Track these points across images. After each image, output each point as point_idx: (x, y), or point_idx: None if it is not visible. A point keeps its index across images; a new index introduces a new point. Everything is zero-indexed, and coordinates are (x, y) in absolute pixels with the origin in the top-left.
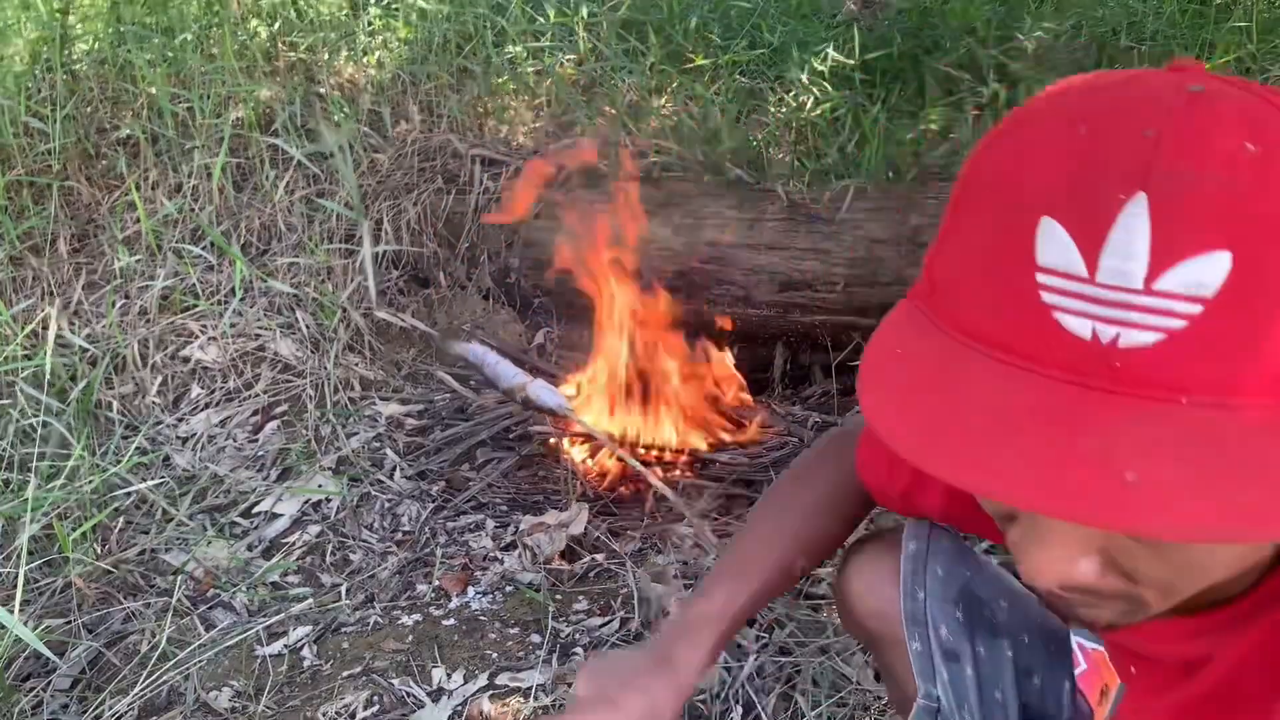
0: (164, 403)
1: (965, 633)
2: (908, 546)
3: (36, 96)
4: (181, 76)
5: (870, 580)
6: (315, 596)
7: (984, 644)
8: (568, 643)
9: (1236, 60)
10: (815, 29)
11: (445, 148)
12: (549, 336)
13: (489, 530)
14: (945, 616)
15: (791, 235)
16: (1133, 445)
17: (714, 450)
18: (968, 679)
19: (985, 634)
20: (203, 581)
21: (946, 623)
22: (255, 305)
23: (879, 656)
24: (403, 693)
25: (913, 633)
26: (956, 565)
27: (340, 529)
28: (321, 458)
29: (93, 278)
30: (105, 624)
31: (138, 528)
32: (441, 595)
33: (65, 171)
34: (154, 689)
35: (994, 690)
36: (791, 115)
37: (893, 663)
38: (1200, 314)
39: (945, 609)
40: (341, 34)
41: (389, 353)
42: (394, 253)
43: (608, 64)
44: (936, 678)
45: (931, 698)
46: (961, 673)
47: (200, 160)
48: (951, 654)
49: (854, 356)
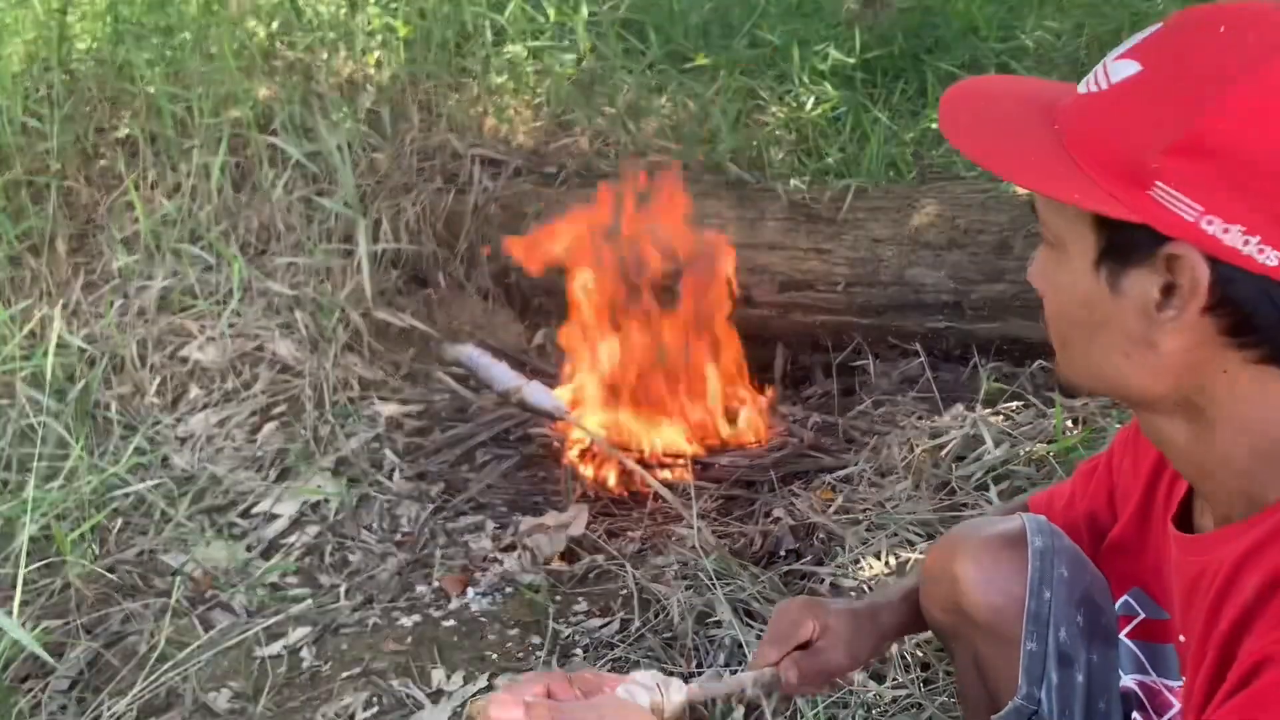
0: (162, 403)
1: (1083, 639)
2: (1034, 542)
3: (35, 96)
4: (180, 76)
5: (991, 572)
6: (314, 597)
7: (1098, 652)
8: (567, 643)
9: None
10: (816, 28)
11: (444, 147)
12: (549, 337)
13: (488, 531)
14: (1066, 620)
15: (792, 235)
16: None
17: (714, 452)
18: (1078, 686)
19: (1101, 642)
20: (201, 582)
21: (1067, 626)
22: (254, 305)
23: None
24: (402, 694)
25: (1031, 632)
26: (1078, 569)
27: (339, 530)
28: (320, 458)
29: (91, 278)
30: (104, 625)
31: (136, 528)
32: (441, 596)
33: (64, 171)
34: (153, 690)
35: (1100, 700)
36: (792, 115)
37: (988, 660)
38: (1100, 91)
39: (1068, 612)
40: (340, 33)
41: (388, 353)
42: (393, 252)
43: (607, 63)
44: (1045, 681)
45: (1033, 700)
46: (1072, 679)
47: (199, 160)
48: (1066, 658)
49: (854, 357)
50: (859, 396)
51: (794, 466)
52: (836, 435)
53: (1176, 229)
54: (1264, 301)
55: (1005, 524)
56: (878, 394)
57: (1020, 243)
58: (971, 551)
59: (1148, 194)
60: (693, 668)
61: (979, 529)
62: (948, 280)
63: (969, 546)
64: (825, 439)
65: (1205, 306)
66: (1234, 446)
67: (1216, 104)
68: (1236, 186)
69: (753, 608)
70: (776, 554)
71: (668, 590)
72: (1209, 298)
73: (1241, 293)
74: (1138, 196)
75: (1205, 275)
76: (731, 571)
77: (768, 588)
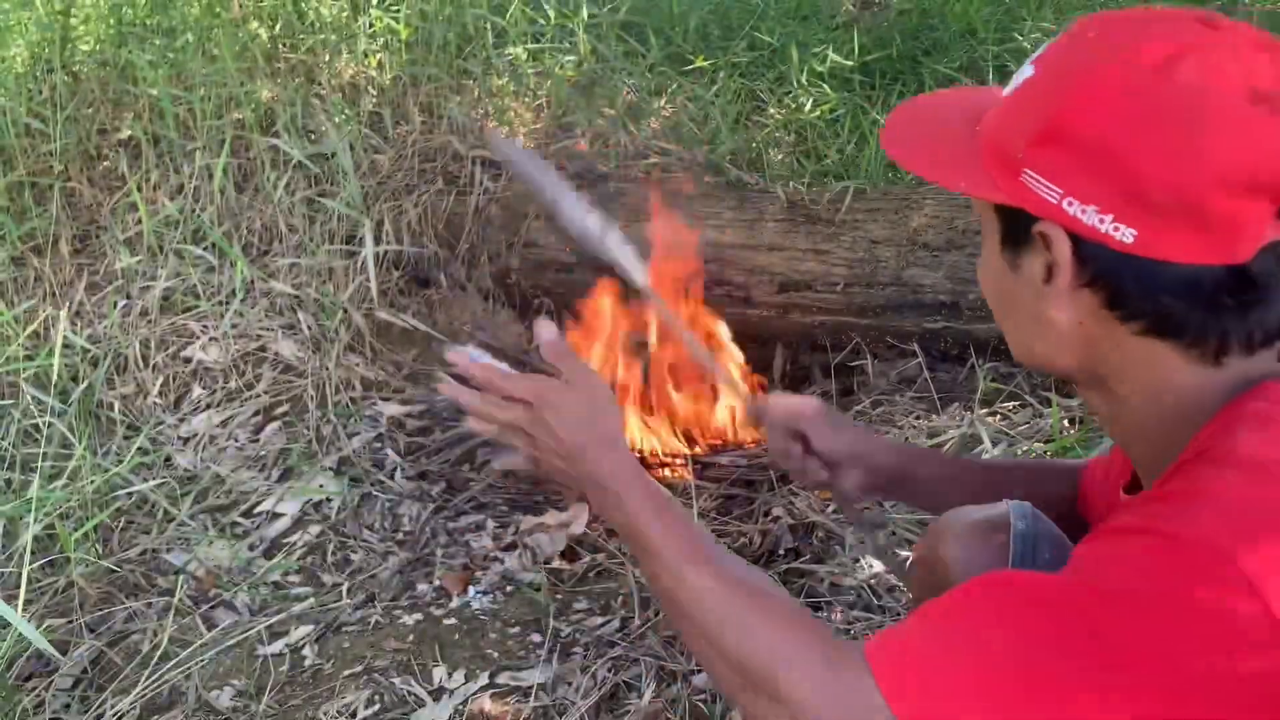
0: (165, 403)
1: None
2: (1016, 525)
3: (38, 98)
4: (183, 78)
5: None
6: (316, 596)
7: None
8: (568, 642)
9: None
10: (815, 30)
11: (446, 149)
12: None
13: (489, 530)
14: None
15: (791, 235)
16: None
17: (714, 451)
18: None
19: None
20: (204, 581)
21: None
22: (256, 306)
23: None
24: (404, 692)
25: None
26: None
27: (341, 529)
28: (323, 458)
29: (94, 278)
30: (107, 623)
31: (139, 528)
32: (442, 595)
33: (67, 172)
34: (156, 688)
35: None
36: (791, 117)
37: None
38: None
39: None
40: (342, 35)
41: (390, 353)
42: (395, 253)
43: (607, 65)
44: None
45: None
46: None
47: (201, 161)
48: None
49: (852, 357)
50: (857, 396)
51: None
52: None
53: (1044, 210)
54: (1128, 275)
55: (989, 509)
56: (876, 394)
57: None
58: (956, 535)
59: (1020, 180)
60: (693, 665)
61: (965, 515)
62: (945, 281)
63: (954, 531)
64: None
65: (1081, 282)
66: (1142, 415)
67: (1069, 98)
68: (1090, 171)
69: None
70: (776, 553)
71: None
72: (1079, 272)
73: (1108, 267)
74: (1013, 183)
75: (1067, 250)
76: None
77: None
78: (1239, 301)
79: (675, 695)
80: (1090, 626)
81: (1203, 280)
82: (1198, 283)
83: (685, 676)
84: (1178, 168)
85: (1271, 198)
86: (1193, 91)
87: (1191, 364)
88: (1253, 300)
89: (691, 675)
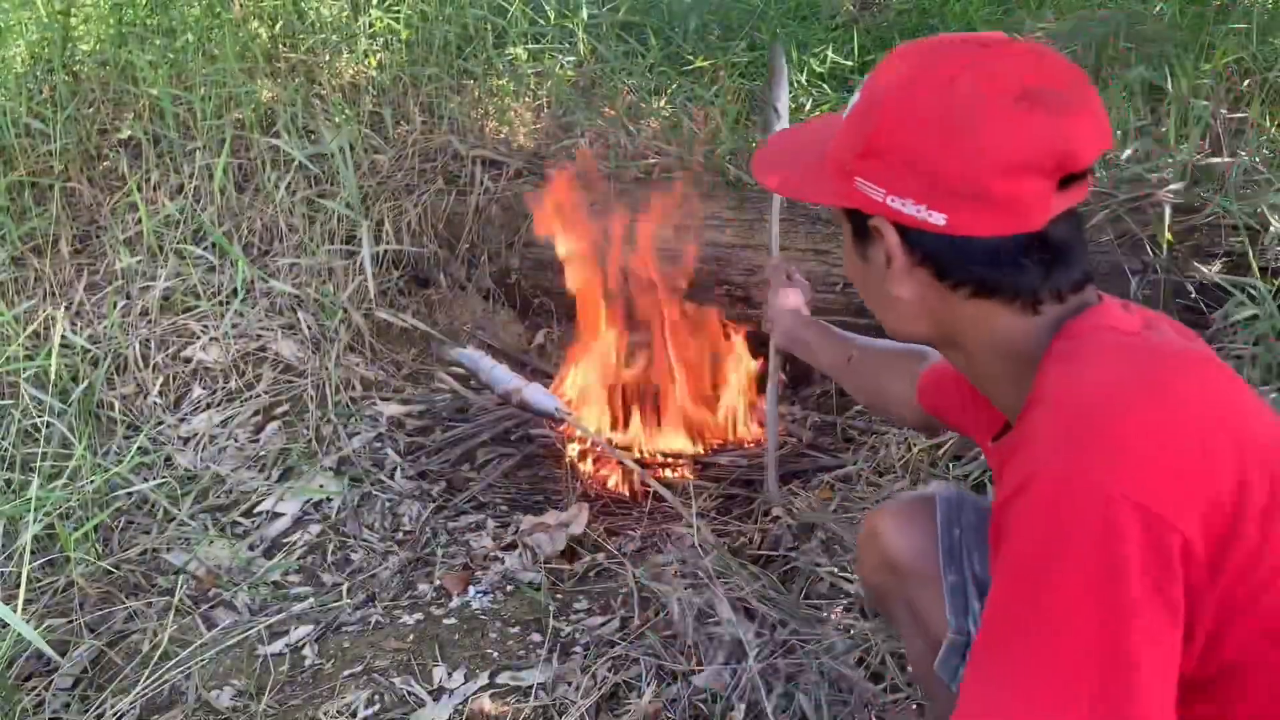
0: (165, 403)
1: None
2: (940, 493)
3: (38, 98)
4: (183, 78)
5: (903, 523)
6: (316, 596)
7: None
8: (568, 642)
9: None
10: (814, 30)
11: (446, 149)
12: (549, 337)
13: (489, 530)
14: (979, 546)
15: (791, 235)
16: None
17: (714, 451)
18: None
19: None
20: (204, 581)
21: (979, 554)
22: (256, 306)
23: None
24: (404, 691)
25: (949, 566)
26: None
27: (341, 529)
28: (323, 458)
29: (94, 278)
30: (107, 623)
31: (139, 527)
32: (442, 594)
33: (67, 172)
34: (156, 688)
35: None
36: (791, 117)
37: (919, 605)
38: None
39: (979, 539)
40: (343, 35)
41: (390, 353)
42: (395, 253)
43: (607, 65)
44: (969, 611)
45: (963, 630)
46: None
47: (202, 161)
48: (984, 586)
49: None
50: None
51: (793, 466)
52: (835, 434)
53: (874, 208)
54: (947, 252)
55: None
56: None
57: None
58: (888, 512)
59: (854, 187)
60: (693, 665)
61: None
62: None
63: (887, 509)
64: (824, 438)
65: (914, 262)
66: (991, 366)
67: (881, 117)
68: (902, 172)
69: (752, 605)
70: (776, 553)
71: (668, 588)
72: (910, 254)
73: (931, 248)
74: (849, 190)
75: (893, 237)
76: (731, 570)
77: (767, 586)
78: (1041, 261)
79: (675, 695)
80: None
81: (1007, 248)
82: (1002, 251)
83: (685, 676)
84: (965, 161)
85: (1047, 175)
86: (970, 100)
87: (1015, 315)
88: (1052, 259)
89: (691, 675)
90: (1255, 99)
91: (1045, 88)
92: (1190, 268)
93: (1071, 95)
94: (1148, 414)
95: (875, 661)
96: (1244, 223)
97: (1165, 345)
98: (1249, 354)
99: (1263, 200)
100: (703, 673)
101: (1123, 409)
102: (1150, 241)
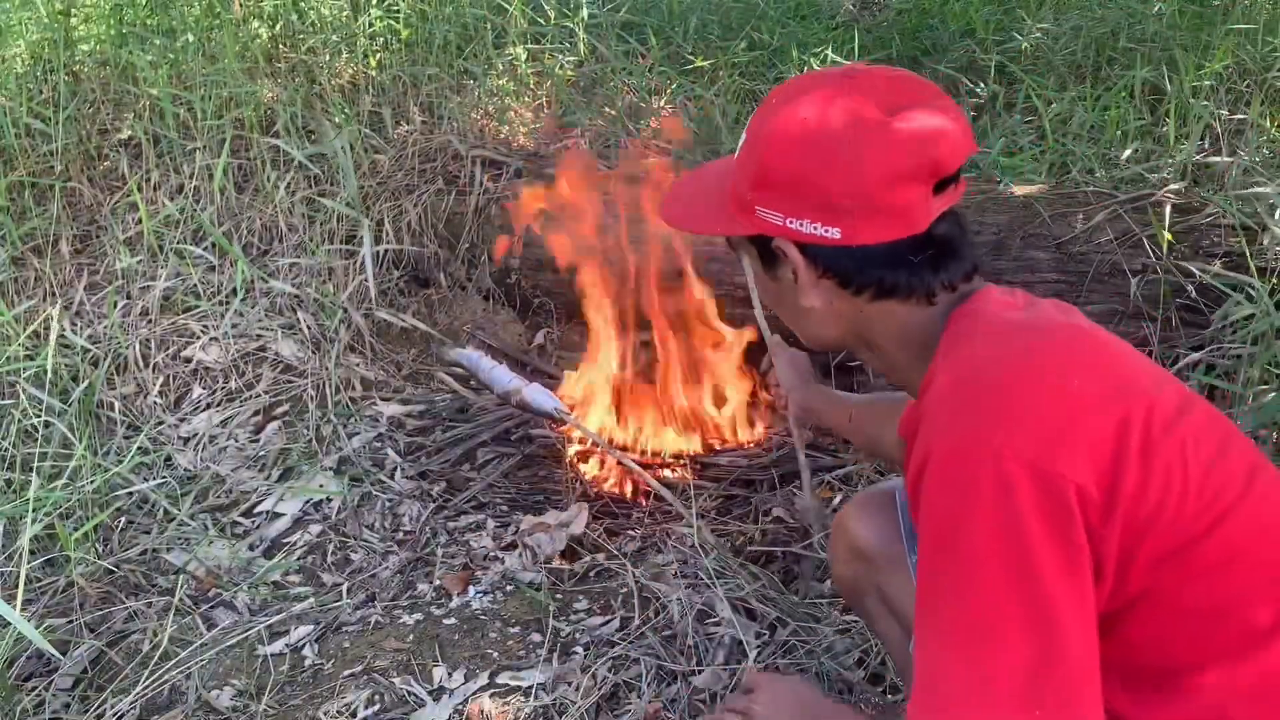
0: (165, 403)
1: None
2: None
3: (38, 98)
4: (183, 78)
5: (866, 514)
6: (316, 596)
7: None
8: (568, 642)
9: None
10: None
11: (446, 149)
12: (549, 337)
13: (489, 530)
14: None
15: None
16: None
17: (714, 452)
18: None
19: None
20: (204, 581)
21: None
22: (256, 306)
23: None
24: (404, 691)
25: (913, 548)
26: None
27: (341, 529)
28: (323, 458)
29: (95, 278)
30: (107, 623)
31: (139, 527)
32: (442, 594)
33: (67, 173)
34: (156, 688)
35: None
36: None
37: (890, 591)
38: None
39: None
40: (342, 35)
41: (390, 353)
42: (395, 253)
43: (608, 65)
44: None
45: None
46: None
47: (202, 161)
48: None
49: (853, 357)
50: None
51: (793, 466)
52: (835, 434)
53: (775, 231)
54: (845, 261)
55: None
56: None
57: (1017, 244)
58: (853, 506)
59: (755, 215)
60: (693, 665)
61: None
62: None
63: (852, 504)
64: (824, 438)
65: (818, 275)
66: (898, 358)
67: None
68: (794, 196)
69: (752, 605)
70: (775, 553)
71: (668, 588)
72: (813, 268)
73: (830, 260)
74: (751, 219)
75: (796, 255)
76: (731, 570)
77: (767, 586)
78: (930, 259)
79: (675, 695)
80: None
81: (899, 251)
82: (895, 254)
83: (685, 676)
84: (848, 179)
85: (923, 182)
86: (845, 123)
87: (914, 309)
88: (940, 255)
89: (691, 675)
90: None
91: (910, 104)
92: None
93: (934, 108)
94: (1024, 380)
95: (875, 662)
96: (1242, 223)
97: (1040, 319)
98: (1247, 353)
99: (1261, 201)
100: (702, 673)
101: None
102: (1150, 241)
